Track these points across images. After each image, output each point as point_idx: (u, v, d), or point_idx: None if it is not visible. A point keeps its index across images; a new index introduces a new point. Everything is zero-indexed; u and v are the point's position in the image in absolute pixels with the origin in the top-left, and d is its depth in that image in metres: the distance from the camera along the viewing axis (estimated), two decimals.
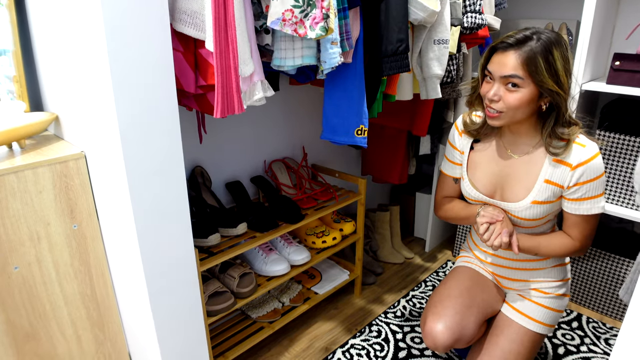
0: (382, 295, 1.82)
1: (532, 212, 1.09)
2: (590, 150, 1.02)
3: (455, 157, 1.23)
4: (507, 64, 0.97)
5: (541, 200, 1.08)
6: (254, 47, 0.93)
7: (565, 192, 1.06)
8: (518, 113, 1.01)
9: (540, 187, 1.07)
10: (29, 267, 1.00)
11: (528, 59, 0.95)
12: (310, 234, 1.61)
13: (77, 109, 1.00)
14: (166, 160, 0.92)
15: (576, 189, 1.04)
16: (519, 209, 1.10)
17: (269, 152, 1.64)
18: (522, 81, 0.96)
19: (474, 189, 1.17)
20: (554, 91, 0.96)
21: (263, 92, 0.96)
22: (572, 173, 1.03)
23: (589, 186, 1.04)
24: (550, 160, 1.06)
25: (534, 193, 1.08)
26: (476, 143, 1.19)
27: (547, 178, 1.06)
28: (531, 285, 1.22)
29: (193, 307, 1.09)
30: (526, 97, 0.98)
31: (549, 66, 0.95)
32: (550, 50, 0.95)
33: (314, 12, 0.89)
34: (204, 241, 1.23)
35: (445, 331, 1.11)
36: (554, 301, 1.21)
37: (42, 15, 1.02)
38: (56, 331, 1.09)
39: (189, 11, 0.90)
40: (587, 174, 1.03)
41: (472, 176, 1.18)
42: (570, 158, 1.03)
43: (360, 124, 1.15)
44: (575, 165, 1.03)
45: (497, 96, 1.00)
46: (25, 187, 0.95)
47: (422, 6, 1.16)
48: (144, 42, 0.81)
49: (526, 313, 1.19)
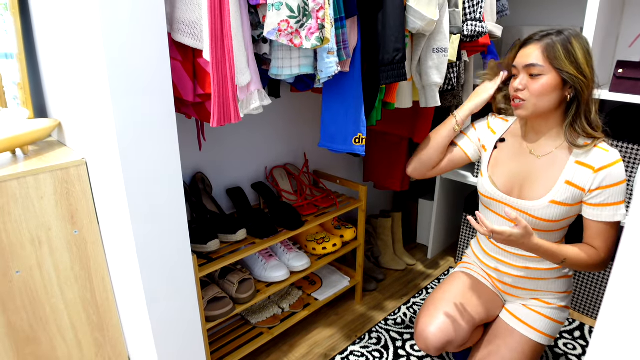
0: (382, 302, 1.82)
1: (550, 212, 1.09)
2: (613, 155, 1.03)
3: (471, 135, 1.27)
4: (529, 55, 1.04)
5: (560, 201, 1.07)
6: (251, 57, 0.95)
7: (587, 196, 1.06)
8: (542, 101, 1.04)
9: (561, 187, 1.07)
10: (30, 272, 1.02)
11: (548, 48, 1.01)
12: (310, 240, 1.61)
13: (78, 116, 1.02)
14: (163, 167, 0.93)
15: (598, 193, 1.04)
16: (536, 207, 1.10)
17: (271, 158, 1.66)
18: (542, 68, 1.02)
19: (492, 186, 1.18)
20: (574, 76, 1.00)
21: (260, 101, 0.98)
22: (595, 176, 1.03)
23: (611, 191, 1.03)
24: (573, 162, 1.06)
25: (553, 192, 1.08)
26: (501, 142, 1.21)
27: (569, 179, 1.06)
28: (534, 295, 1.21)
29: (191, 313, 1.10)
30: (548, 84, 1.02)
31: (567, 54, 1.00)
32: (569, 40, 1.01)
33: (309, 23, 0.90)
34: (204, 247, 1.24)
35: (437, 333, 1.12)
36: (556, 312, 1.20)
37: (45, 21, 1.05)
38: (57, 335, 1.10)
39: (187, 21, 0.92)
40: (609, 178, 1.03)
41: (492, 173, 1.19)
42: (593, 161, 1.04)
43: (358, 132, 1.15)
44: (598, 168, 1.03)
45: (522, 85, 1.05)
46: (27, 193, 0.97)
47: (421, 15, 1.16)
48: (142, 52, 0.83)
49: (528, 322, 1.18)
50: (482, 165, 1.23)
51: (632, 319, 0.36)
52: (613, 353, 0.38)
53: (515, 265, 1.20)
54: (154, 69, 0.85)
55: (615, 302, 0.38)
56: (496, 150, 1.21)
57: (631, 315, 0.36)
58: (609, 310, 0.38)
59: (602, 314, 0.39)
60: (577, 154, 1.06)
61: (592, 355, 0.40)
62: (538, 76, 1.03)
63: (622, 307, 0.37)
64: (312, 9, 0.90)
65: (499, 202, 1.17)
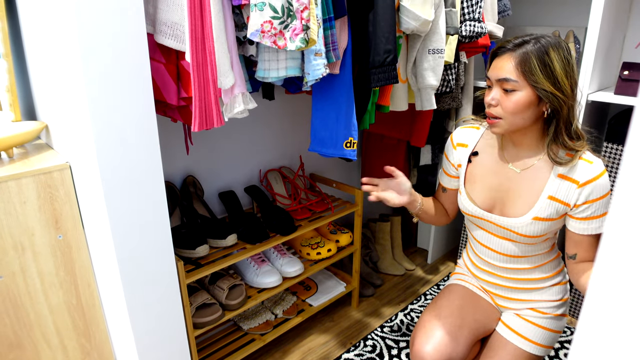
0: (379, 308, 1.78)
1: (532, 229, 1.04)
2: (597, 167, 0.98)
3: (449, 170, 1.20)
4: (502, 67, 0.95)
5: (543, 217, 1.03)
6: (234, 59, 0.92)
7: (573, 210, 1.02)
8: (517, 119, 0.97)
9: (543, 203, 1.02)
10: (13, 277, 1.00)
11: (522, 61, 0.93)
12: (305, 245, 1.58)
13: (62, 119, 1.01)
14: (144, 172, 0.91)
15: (585, 208, 1.00)
16: (519, 224, 1.05)
17: (265, 161, 1.63)
18: (516, 84, 0.94)
19: (471, 204, 1.13)
20: (550, 93, 0.93)
21: (244, 105, 0.95)
22: (580, 190, 0.99)
23: (598, 204, 0.99)
24: (555, 176, 1.01)
25: (536, 209, 1.03)
26: (474, 156, 1.14)
27: (552, 194, 1.02)
28: (529, 304, 1.17)
29: (175, 320, 1.08)
30: (523, 101, 0.95)
31: (544, 66, 0.92)
32: (546, 51, 0.92)
33: (294, 24, 0.87)
34: (192, 252, 1.22)
35: (434, 353, 1.07)
36: (552, 322, 1.15)
37: (30, 23, 1.03)
38: (41, 340, 1.09)
39: (169, 22, 0.89)
40: (596, 191, 0.98)
41: (470, 190, 1.14)
42: (577, 175, 0.99)
43: (350, 136, 1.12)
44: (582, 182, 0.98)
45: (494, 100, 0.98)
46: (9, 197, 0.96)
47: (414, 15, 1.13)
48: (119, 52, 0.81)
49: (522, 334, 1.14)
50: (460, 183, 1.16)
51: (612, 321, 0.35)
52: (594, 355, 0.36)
53: (505, 276, 1.17)
54: (132, 70, 0.83)
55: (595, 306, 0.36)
56: (470, 165, 1.14)
57: (611, 318, 0.35)
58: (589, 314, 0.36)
59: (582, 318, 0.37)
60: (558, 166, 1.01)
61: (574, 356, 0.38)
62: (512, 92, 0.95)
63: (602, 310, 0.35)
64: (296, 9, 0.87)
65: (481, 219, 1.13)
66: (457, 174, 1.18)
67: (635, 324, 0.33)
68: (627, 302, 0.33)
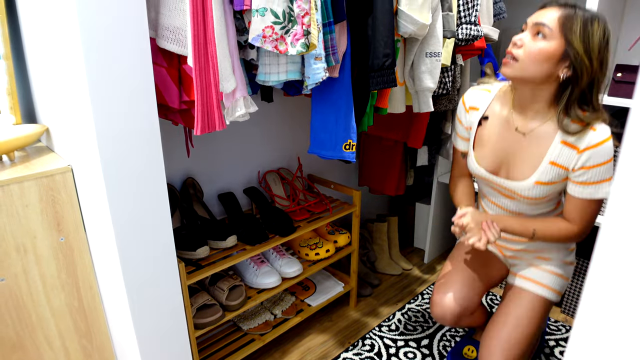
0: (377, 308, 1.80)
1: (536, 192, 1.09)
2: (600, 134, 0.98)
3: (463, 133, 1.22)
4: (545, 14, 0.97)
5: (545, 181, 1.07)
6: (236, 63, 0.93)
7: (571, 174, 1.04)
8: (532, 67, 0.97)
9: (545, 168, 1.05)
10: (15, 279, 1.01)
11: (567, 16, 0.95)
12: (303, 245, 1.60)
13: (63, 122, 1.01)
14: (147, 175, 0.92)
15: (582, 173, 1.02)
16: (522, 188, 1.10)
17: (264, 162, 1.64)
18: (550, 32, 0.95)
19: (479, 166, 1.16)
20: (579, 55, 0.93)
21: (246, 109, 0.96)
22: (579, 156, 1.01)
23: (595, 171, 1.01)
24: (558, 142, 1.03)
25: (538, 173, 1.07)
26: (484, 120, 1.16)
27: (553, 160, 1.04)
28: (538, 254, 1.24)
29: (177, 321, 1.09)
30: (546, 50, 0.95)
31: (584, 31, 0.93)
32: (592, 21, 0.94)
33: (295, 29, 0.89)
34: (193, 254, 1.23)
35: (453, 301, 1.18)
36: (561, 268, 1.22)
37: (31, 25, 1.04)
38: (43, 342, 1.09)
39: (171, 27, 0.91)
40: (594, 158, 0.99)
41: (478, 152, 1.17)
42: (579, 141, 1.00)
43: (348, 138, 1.14)
44: (582, 148, 1.00)
45: (520, 41, 0.99)
46: (11, 200, 0.96)
47: (412, 19, 1.15)
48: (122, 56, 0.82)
49: (536, 279, 1.21)
50: (469, 144, 1.20)
51: (607, 319, 0.36)
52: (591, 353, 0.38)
53: (514, 239, 1.24)
54: (135, 74, 0.84)
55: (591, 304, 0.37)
56: (480, 128, 1.16)
57: (606, 316, 0.36)
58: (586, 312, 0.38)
59: (578, 316, 0.39)
60: (565, 135, 1.02)
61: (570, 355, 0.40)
62: (542, 38, 0.96)
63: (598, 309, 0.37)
64: (297, 15, 0.88)
65: (487, 180, 1.17)
66: (468, 136, 1.21)
67: (630, 322, 0.34)
68: (623, 300, 0.34)
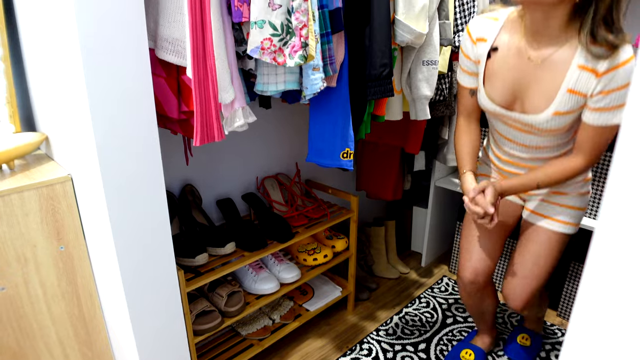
0: (375, 312, 1.81)
1: (554, 123, 1.03)
2: (622, 54, 0.90)
3: (470, 67, 1.14)
4: None
5: (564, 111, 1.00)
6: (234, 74, 0.94)
7: (588, 100, 0.97)
8: None
9: (563, 97, 0.99)
10: (16, 288, 1.02)
11: None
12: (302, 250, 1.61)
13: (62, 130, 1.02)
14: (146, 183, 0.93)
15: (600, 98, 0.95)
16: (540, 120, 1.03)
17: (262, 168, 1.65)
18: None
19: (491, 102, 1.09)
20: None
21: (244, 119, 0.97)
22: (598, 80, 0.94)
23: (614, 96, 0.93)
24: (575, 67, 0.96)
25: (555, 103, 1.00)
26: (494, 51, 1.07)
27: (571, 87, 0.97)
28: (553, 189, 1.20)
29: (177, 327, 1.10)
30: None
31: None
32: None
33: (293, 41, 0.90)
34: (192, 261, 1.24)
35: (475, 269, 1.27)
36: (577, 200, 1.18)
37: (29, 32, 1.04)
38: (44, 350, 1.10)
39: (170, 38, 0.91)
40: (614, 81, 0.92)
41: (489, 87, 1.09)
42: (598, 64, 0.93)
43: (346, 147, 1.15)
44: (602, 72, 0.92)
45: None
46: (12, 210, 0.97)
47: (409, 29, 1.16)
48: (122, 69, 0.83)
49: (551, 216, 1.19)
50: (479, 79, 1.12)
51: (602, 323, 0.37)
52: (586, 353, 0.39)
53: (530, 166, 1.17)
54: (134, 84, 0.85)
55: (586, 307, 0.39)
56: (489, 61, 1.08)
57: (601, 320, 0.37)
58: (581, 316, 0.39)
59: (573, 319, 0.40)
60: (581, 57, 0.94)
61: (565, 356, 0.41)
62: None
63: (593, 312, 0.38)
64: (295, 27, 0.89)
65: (500, 116, 1.11)
66: (477, 70, 1.13)
67: (625, 326, 0.35)
68: (617, 304, 0.35)
